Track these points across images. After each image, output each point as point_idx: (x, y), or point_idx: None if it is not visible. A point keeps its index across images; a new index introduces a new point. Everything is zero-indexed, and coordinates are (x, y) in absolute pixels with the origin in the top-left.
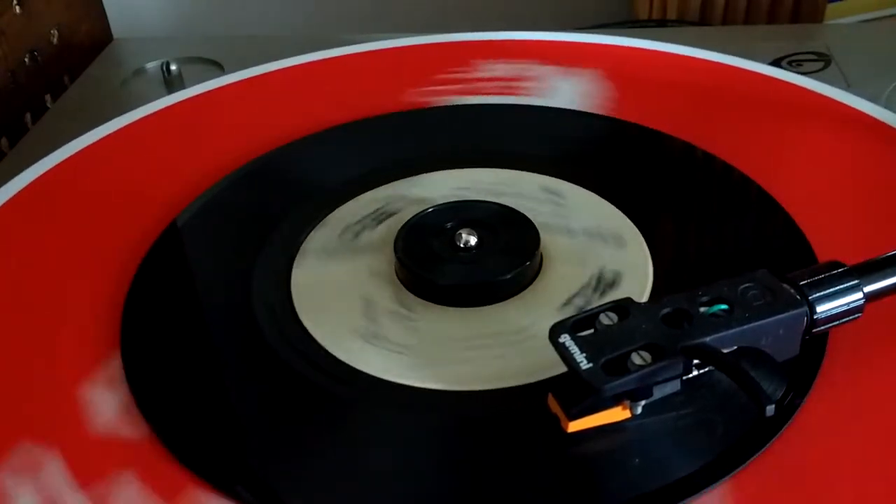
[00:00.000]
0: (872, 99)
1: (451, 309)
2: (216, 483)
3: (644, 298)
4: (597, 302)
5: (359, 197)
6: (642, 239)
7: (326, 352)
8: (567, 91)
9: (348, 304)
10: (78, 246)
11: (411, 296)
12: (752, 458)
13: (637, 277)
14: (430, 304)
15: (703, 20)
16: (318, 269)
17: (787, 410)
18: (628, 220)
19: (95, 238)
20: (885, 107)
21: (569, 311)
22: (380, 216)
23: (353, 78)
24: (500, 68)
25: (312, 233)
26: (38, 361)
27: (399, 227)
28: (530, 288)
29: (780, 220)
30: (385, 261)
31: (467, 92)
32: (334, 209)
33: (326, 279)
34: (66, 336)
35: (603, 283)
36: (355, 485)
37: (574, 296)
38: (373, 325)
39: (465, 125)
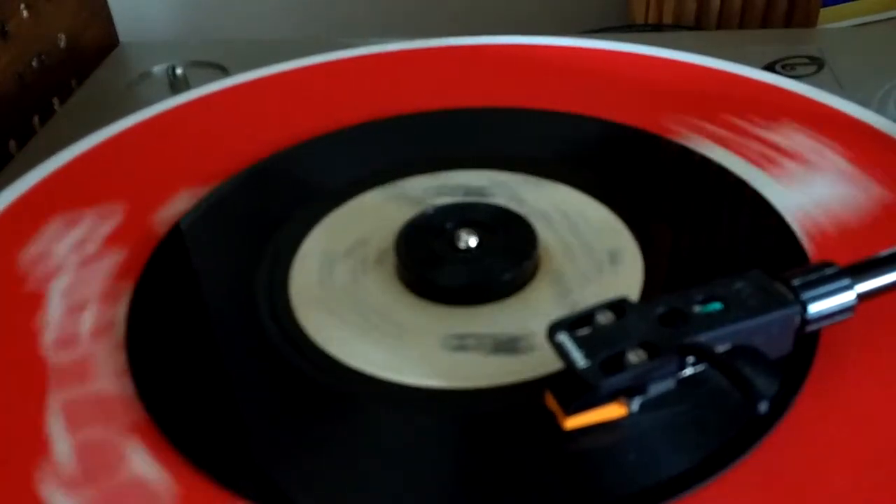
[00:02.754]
0: (864, 102)
1: (452, 308)
2: (220, 479)
3: (637, 297)
4: (593, 301)
5: (360, 198)
6: (635, 241)
7: (325, 351)
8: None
9: (349, 304)
10: (83, 247)
11: (412, 295)
12: (745, 454)
13: (631, 277)
14: (431, 303)
15: (699, 24)
16: (319, 269)
17: (778, 407)
18: (622, 223)
19: (100, 239)
20: (877, 110)
21: (566, 310)
22: (380, 217)
23: (356, 81)
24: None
25: (314, 233)
26: (36, 362)
27: (400, 228)
28: (529, 287)
29: (773, 222)
30: (386, 261)
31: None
32: (334, 210)
33: (328, 279)
34: (75, 318)
35: (600, 282)
36: (355, 482)
37: (571, 295)
38: (372, 325)
39: (465, 128)
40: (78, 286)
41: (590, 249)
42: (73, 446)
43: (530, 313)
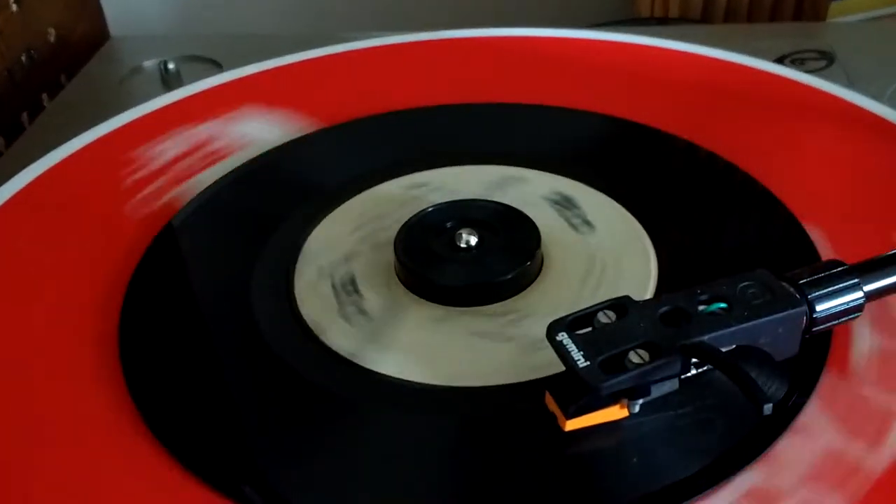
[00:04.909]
0: (875, 97)
1: (452, 308)
2: (216, 484)
3: (647, 297)
4: (596, 300)
5: (359, 196)
6: (646, 237)
7: (325, 351)
8: None
9: (348, 304)
10: (75, 245)
11: (411, 295)
12: (754, 460)
13: (639, 276)
14: (431, 303)
15: (706, 18)
16: (317, 269)
17: (788, 411)
18: (632, 218)
19: (93, 237)
20: (888, 105)
21: (567, 310)
22: (379, 216)
23: (352, 76)
24: None
25: (312, 232)
26: (35, 362)
27: (399, 226)
28: (531, 287)
29: (782, 218)
30: (385, 261)
31: None
32: (334, 208)
33: (326, 280)
34: (64, 337)
35: (604, 281)
36: (355, 482)
37: (574, 294)
38: (372, 325)
39: (465, 124)
40: None
41: (595, 240)
42: None
43: (532, 313)
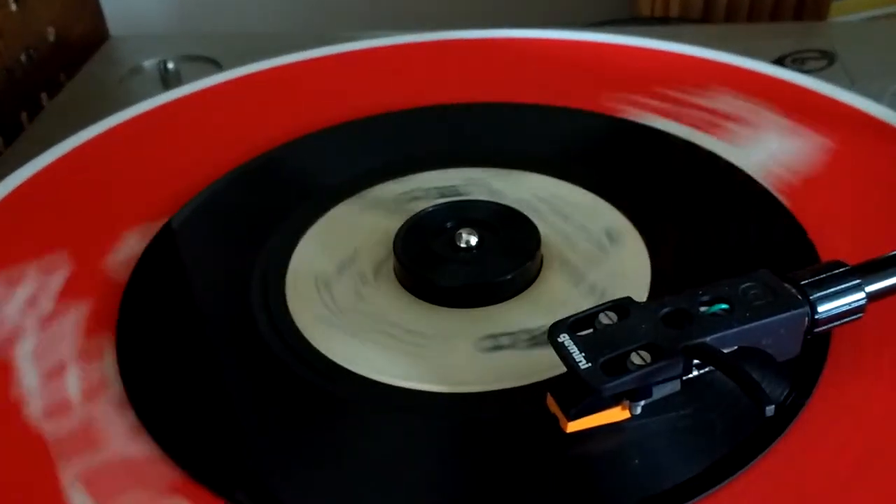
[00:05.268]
0: (876, 96)
1: (452, 310)
2: (214, 487)
3: (643, 298)
4: (596, 301)
5: (358, 196)
6: (641, 239)
7: (322, 354)
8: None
9: (347, 305)
10: (73, 244)
11: (411, 296)
12: (754, 461)
13: (636, 277)
14: (430, 305)
15: (706, 17)
16: (316, 270)
17: (789, 411)
18: (627, 221)
19: (91, 237)
20: (889, 105)
21: (580, 298)
22: (377, 217)
23: (351, 76)
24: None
25: (310, 232)
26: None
27: (398, 226)
28: (531, 288)
29: (782, 219)
30: (385, 261)
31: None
32: (332, 208)
33: (324, 280)
34: (61, 336)
35: (603, 281)
36: (355, 487)
37: (574, 296)
38: (371, 326)
39: (463, 124)
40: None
41: (585, 231)
42: None
43: (532, 314)
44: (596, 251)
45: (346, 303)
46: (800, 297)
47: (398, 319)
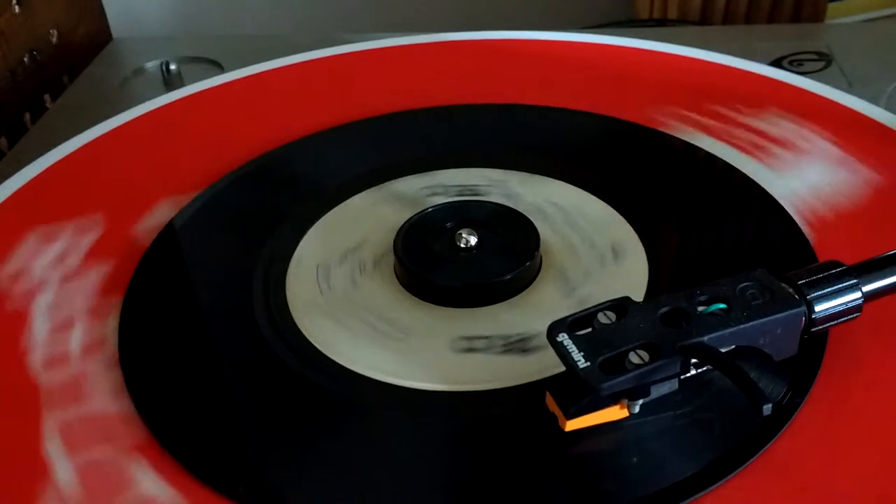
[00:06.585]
0: (873, 98)
1: (438, 307)
2: (216, 485)
3: (640, 297)
4: (598, 296)
5: (358, 196)
6: (639, 239)
7: (323, 354)
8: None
9: (347, 305)
10: (76, 244)
11: (411, 296)
12: (751, 459)
13: (634, 277)
14: (430, 304)
15: (704, 20)
16: (316, 269)
17: (786, 410)
18: (626, 221)
19: (93, 237)
20: (886, 107)
21: (567, 311)
22: (377, 217)
23: (352, 77)
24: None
25: (311, 232)
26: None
27: (398, 227)
28: (523, 293)
29: (780, 219)
30: (384, 260)
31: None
32: (333, 208)
33: (325, 280)
34: (77, 292)
35: (595, 296)
36: (355, 486)
37: (561, 307)
38: (371, 327)
39: (463, 125)
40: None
41: (591, 244)
42: (76, 469)
43: (537, 312)
44: (596, 265)
45: (339, 289)
46: (797, 296)
47: (383, 310)
